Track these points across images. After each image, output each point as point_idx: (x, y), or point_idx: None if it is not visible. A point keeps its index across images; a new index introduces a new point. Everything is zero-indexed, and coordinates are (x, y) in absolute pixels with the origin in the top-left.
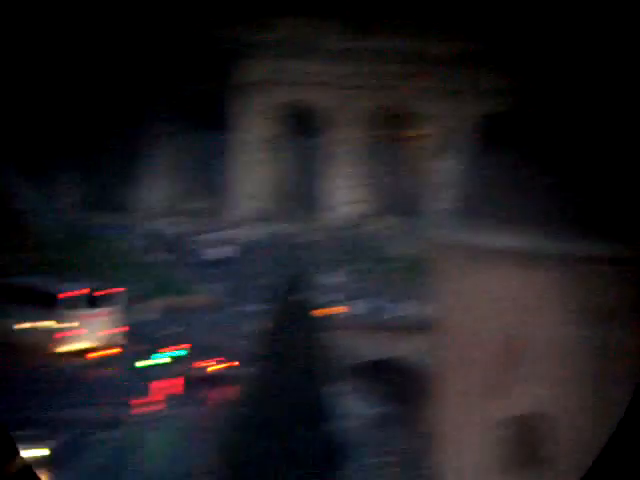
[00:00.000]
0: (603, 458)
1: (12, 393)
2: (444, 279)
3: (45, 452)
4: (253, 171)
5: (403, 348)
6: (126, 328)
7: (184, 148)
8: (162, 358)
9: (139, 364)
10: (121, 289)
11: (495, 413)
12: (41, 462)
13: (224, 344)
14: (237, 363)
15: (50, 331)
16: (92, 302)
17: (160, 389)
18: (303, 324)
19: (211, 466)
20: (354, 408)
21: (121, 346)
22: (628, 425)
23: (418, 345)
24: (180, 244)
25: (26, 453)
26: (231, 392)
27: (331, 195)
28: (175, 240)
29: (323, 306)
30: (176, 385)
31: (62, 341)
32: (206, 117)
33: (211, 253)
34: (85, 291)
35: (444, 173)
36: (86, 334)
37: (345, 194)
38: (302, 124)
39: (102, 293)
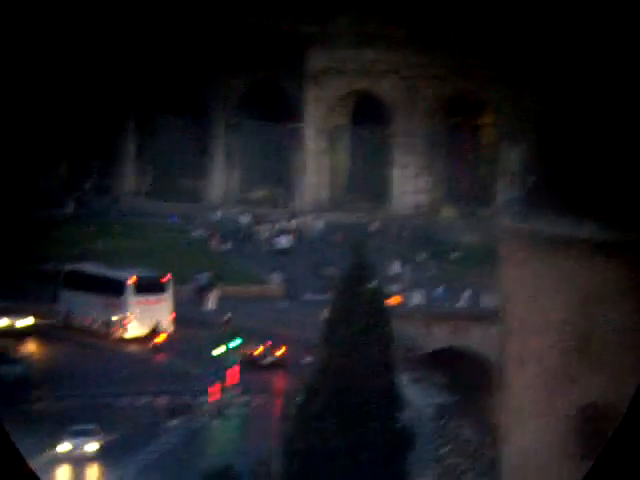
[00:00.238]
0: (604, 458)
1: (77, 380)
2: (508, 268)
3: (95, 446)
4: (318, 161)
5: (467, 338)
6: (174, 314)
7: (249, 138)
8: (228, 347)
9: (207, 352)
10: (169, 276)
11: (560, 403)
12: (92, 457)
13: (290, 333)
14: (302, 352)
15: (114, 318)
16: (147, 289)
17: (227, 377)
18: (368, 314)
19: (276, 453)
20: (418, 397)
21: (173, 332)
22: (629, 425)
23: (482, 334)
24: (245, 233)
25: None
26: (296, 381)
27: (395, 185)
28: (240, 229)
29: (387, 296)
30: (239, 374)
31: (125, 327)
32: (271, 107)
33: (276, 242)
34: (137, 279)
35: (508, 162)
36: (143, 320)
37: (409, 184)
38: (367, 114)
39: (155, 280)
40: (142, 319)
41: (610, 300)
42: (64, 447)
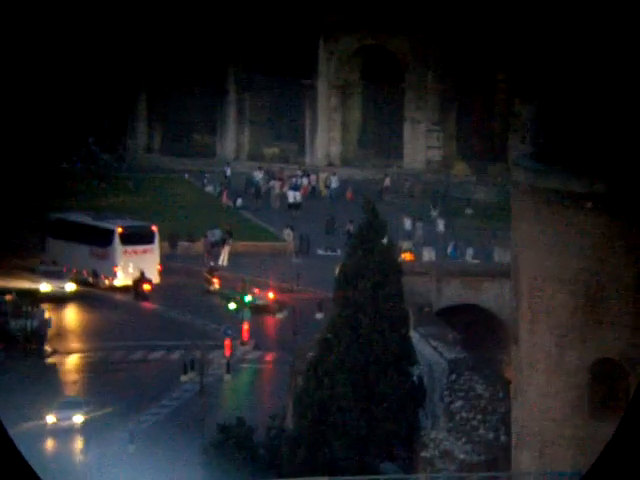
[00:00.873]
0: (605, 458)
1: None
2: (520, 224)
3: (81, 418)
4: (330, 117)
5: (479, 294)
6: (160, 266)
7: (261, 94)
8: (242, 302)
9: (224, 306)
10: (155, 226)
11: (572, 359)
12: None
13: (303, 289)
14: (314, 307)
15: (102, 267)
16: (135, 239)
17: (242, 332)
18: (380, 270)
19: (288, 408)
20: (429, 353)
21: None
22: (629, 426)
23: (494, 291)
24: (257, 189)
25: (64, 420)
26: (308, 336)
27: (407, 141)
28: (253, 185)
29: (399, 252)
30: (252, 329)
31: (113, 276)
32: (284, 63)
33: (290, 198)
34: (125, 228)
35: (521, 118)
36: (130, 270)
37: (421, 140)
38: (379, 69)
39: (143, 230)
40: (129, 268)
41: (621, 256)
42: (50, 419)
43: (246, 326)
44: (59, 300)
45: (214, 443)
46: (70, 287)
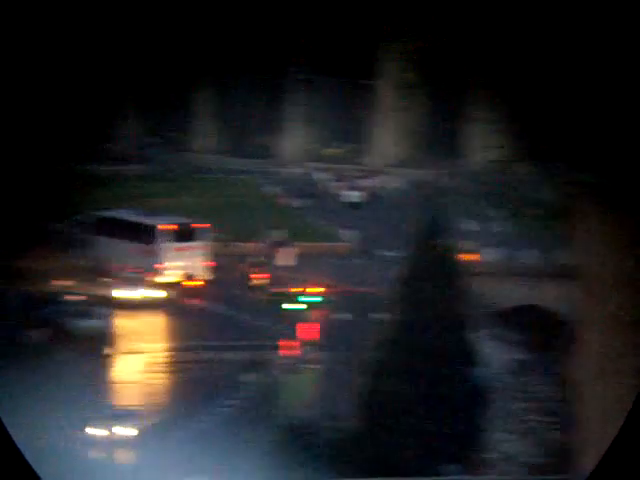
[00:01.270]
0: (607, 459)
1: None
2: (583, 224)
3: (134, 432)
4: (391, 117)
5: (542, 295)
6: (214, 263)
7: (323, 95)
8: (302, 302)
9: (283, 306)
10: (207, 225)
11: (635, 360)
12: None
13: (364, 290)
14: (375, 307)
15: (148, 264)
16: (181, 236)
17: (301, 332)
18: (442, 270)
19: (350, 409)
20: (492, 354)
21: (208, 280)
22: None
23: (557, 292)
24: (319, 190)
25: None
26: (370, 336)
27: (469, 141)
28: (315, 186)
29: (462, 252)
30: (315, 329)
31: (159, 273)
32: (345, 63)
33: (351, 199)
34: (175, 226)
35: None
36: (177, 267)
37: (484, 139)
38: (440, 69)
39: (192, 228)
40: (176, 265)
41: None
42: (101, 432)
43: (306, 326)
44: (146, 307)
45: (277, 443)
46: (160, 294)
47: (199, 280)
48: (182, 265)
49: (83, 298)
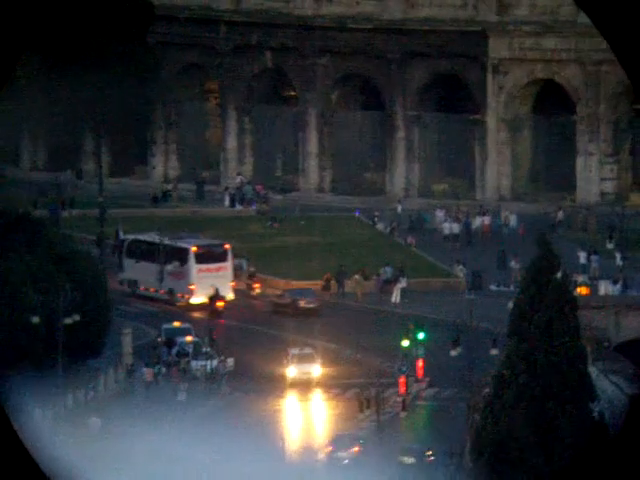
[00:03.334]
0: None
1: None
2: None
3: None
4: (500, 151)
5: None
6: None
7: (429, 130)
8: (416, 339)
9: (402, 344)
10: (229, 245)
11: None
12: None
13: (476, 325)
14: (489, 343)
15: (178, 285)
16: (209, 257)
17: (416, 369)
18: (555, 304)
19: (468, 445)
20: (609, 389)
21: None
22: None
23: None
24: (430, 225)
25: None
26: (483, 373)
27: (580, 173)
28: (423, 221)
29: (577, 286)
30: (427, 366)
31: (189, 295)
32: (451, 99)
33: (446, 230)
34: (200, 247)
35: None
36: (205, 287)
37: (594, 171)
38: (549, 101)
39: (217, 249)
40: (204, 286)
41: None
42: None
43: (420, 363)
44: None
45: None
46: (317, 371)
47: (225, 299)
48: (210, 285)
49: None
